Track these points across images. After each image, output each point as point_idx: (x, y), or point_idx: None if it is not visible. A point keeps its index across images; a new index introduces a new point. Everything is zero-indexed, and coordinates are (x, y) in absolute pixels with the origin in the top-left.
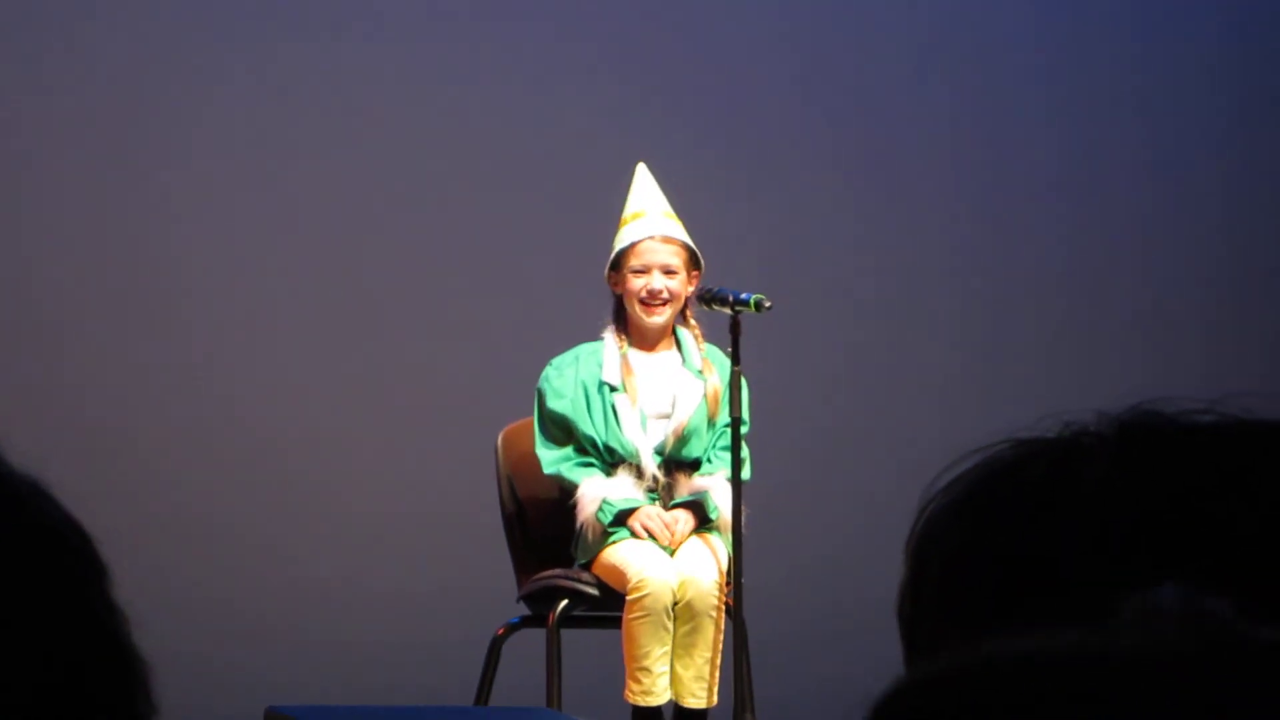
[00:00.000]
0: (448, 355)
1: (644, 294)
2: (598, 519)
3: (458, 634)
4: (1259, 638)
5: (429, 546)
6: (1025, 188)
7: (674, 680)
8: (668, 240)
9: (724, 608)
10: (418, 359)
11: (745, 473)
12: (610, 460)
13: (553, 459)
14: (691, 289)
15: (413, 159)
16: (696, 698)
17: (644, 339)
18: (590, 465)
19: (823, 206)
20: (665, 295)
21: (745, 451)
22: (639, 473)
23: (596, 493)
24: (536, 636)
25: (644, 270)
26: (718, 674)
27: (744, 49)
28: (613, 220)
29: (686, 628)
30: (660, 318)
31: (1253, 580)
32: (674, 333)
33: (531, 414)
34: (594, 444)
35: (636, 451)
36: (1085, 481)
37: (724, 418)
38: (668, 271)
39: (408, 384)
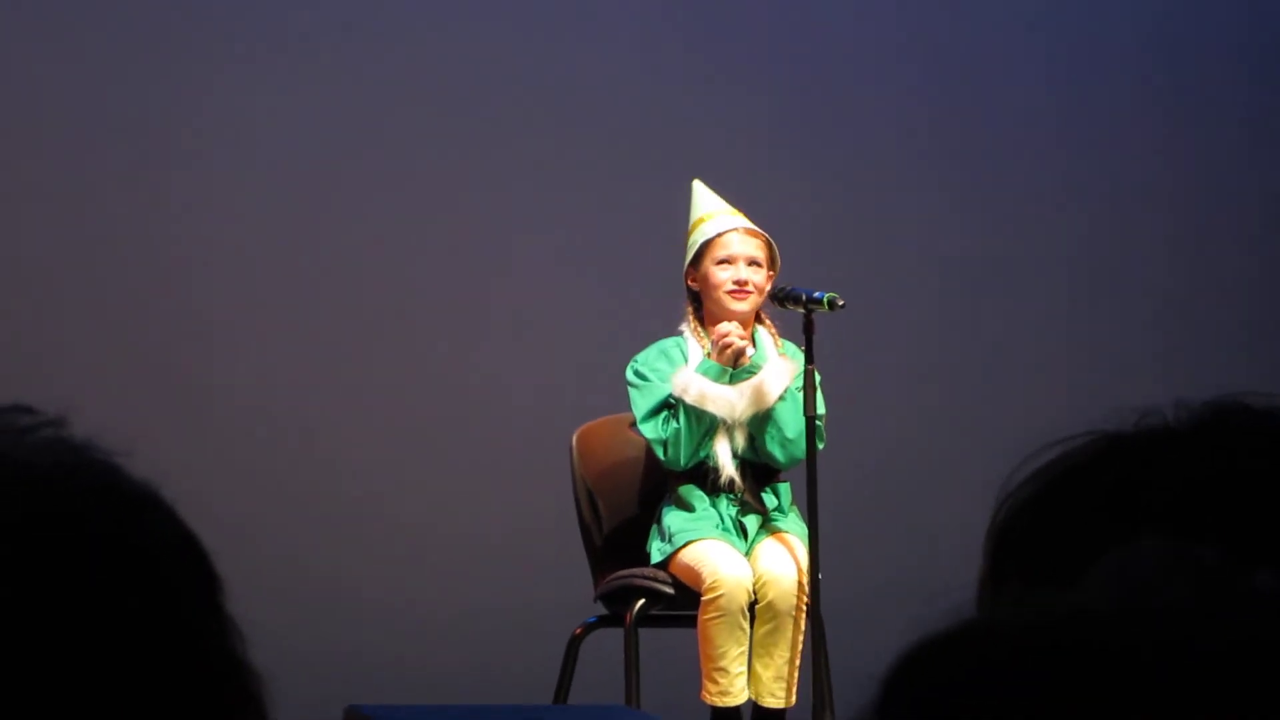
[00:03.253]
0: (519, 357)
1: (731, 284)
2: (700, 374)
3: (536, 634)
4: (1246, 584)
5: (506, 547)
6: (1109, 178)
7: (753, 679)
8: (752, 233)
9: (804, 608)
10: (488, 361)
11: (820, 443)
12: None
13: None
14: (768, 286)
15: (474, 152)
16: (776, 697)
17: None
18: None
19: (897, 200)
20: (750, 286)
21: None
22: (716, 474)
23: (686, 375)
24: (615, 636)
25: (730, 261)
26: (797, 674)
27: (815, 39)
28: (675, 213)
29: (767, 627)
30: (745, 304)
31: None
32: (752, 332)
33: (604, 414)
34: None
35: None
36: (1164, 475)
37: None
38: (753, 263)
39: (479, 385)
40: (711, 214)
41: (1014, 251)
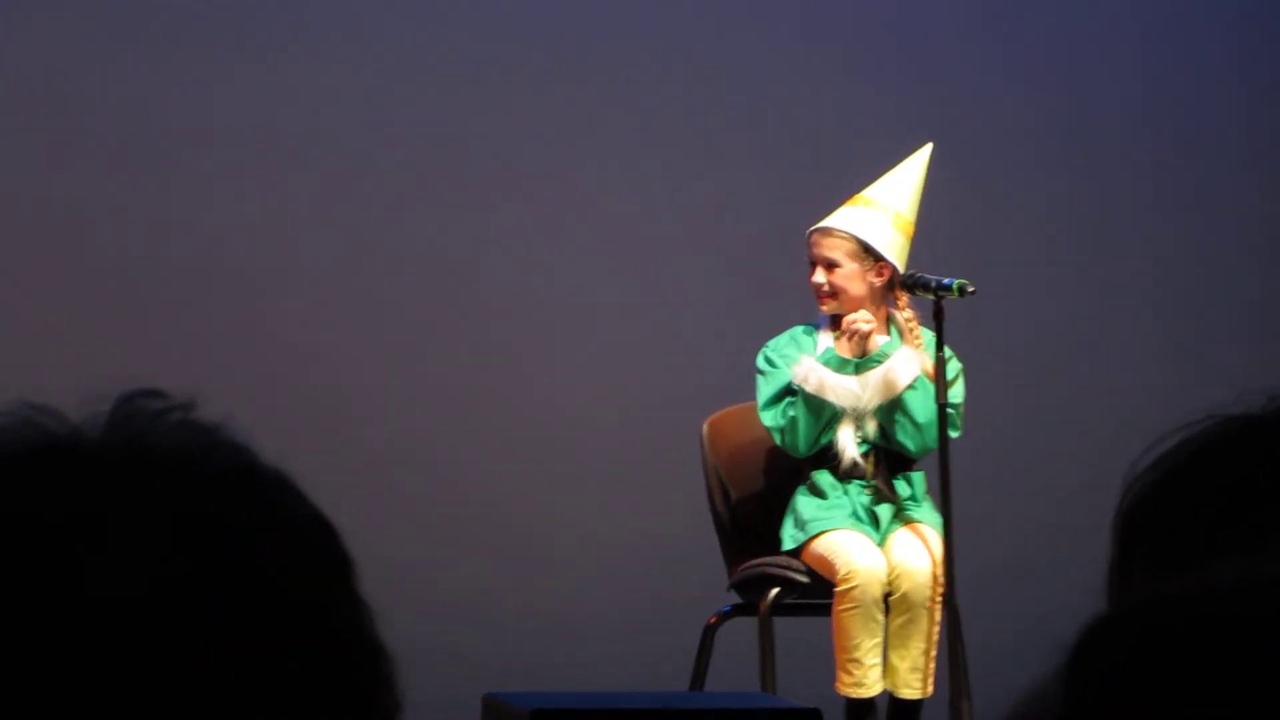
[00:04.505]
0: (648, 345)
1: (812, 289)
2: (822, 363)
3: (671, 624)
4: None
5: (640, 538)
6: (1219, 167)
7: (889, 671)
8: (824, 234)
9: (939, 599)
10: (616, 351)
11: (954, 431)
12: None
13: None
14: (878, 280)
15: (610, 141)
16: (912, 689)
17: None
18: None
19: (1020, 192)
20: (826, 289)
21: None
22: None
23: (808, 363)
24: (749, 625)
25: (812, 265)
26: (933, 665)
27: (938, 33)
28: (806, 200)
29: (902, 619)
30: (825, 308)
31: None
32: (890, 318)
33: (734, 402)
34: None
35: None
36: None
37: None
38: (829, 265)
39: (609, 376)
40: (850, 199)
41: (1135, 240)
